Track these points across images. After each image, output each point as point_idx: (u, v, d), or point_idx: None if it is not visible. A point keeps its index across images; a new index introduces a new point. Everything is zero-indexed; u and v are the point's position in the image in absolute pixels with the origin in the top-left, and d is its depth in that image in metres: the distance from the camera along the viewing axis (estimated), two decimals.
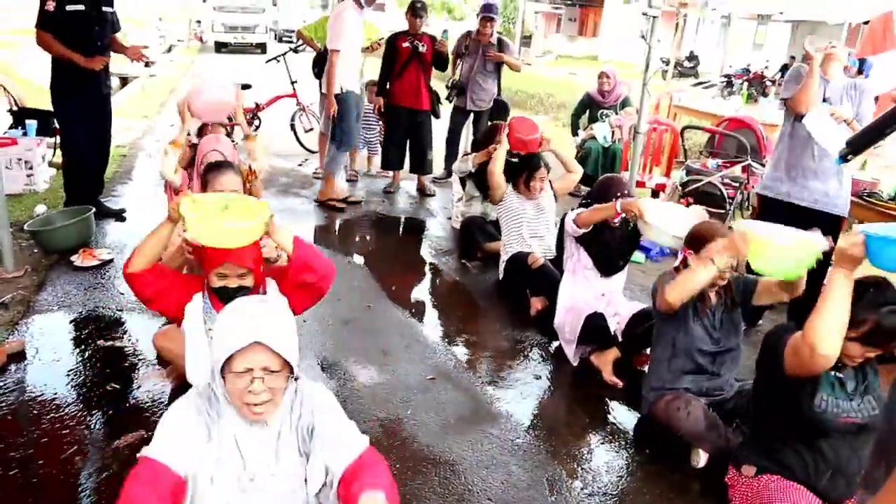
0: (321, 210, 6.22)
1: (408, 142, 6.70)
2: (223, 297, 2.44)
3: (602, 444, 3.15)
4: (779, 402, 2.51)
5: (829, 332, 2.22)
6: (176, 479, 1.73)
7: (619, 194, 3.71)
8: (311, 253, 2.52)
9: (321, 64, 6.46)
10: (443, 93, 6.91)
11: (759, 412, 2.68)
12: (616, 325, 3.72)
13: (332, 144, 6.15)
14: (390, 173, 7.03)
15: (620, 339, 3.70)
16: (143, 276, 2.44)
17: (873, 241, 2.22)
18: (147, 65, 5.87)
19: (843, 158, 3.78)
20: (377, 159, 7.35)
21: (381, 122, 7.13)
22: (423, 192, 6.89)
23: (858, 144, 3.60)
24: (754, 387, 2.76)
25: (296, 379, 1.89)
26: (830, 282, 2.26)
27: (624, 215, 3.58)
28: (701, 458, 2.96)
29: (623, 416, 3.37)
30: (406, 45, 6.33)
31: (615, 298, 3.88)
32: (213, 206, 2.38)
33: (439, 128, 6.91)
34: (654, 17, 5.39)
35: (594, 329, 3.69)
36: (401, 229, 6.03)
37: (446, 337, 4.03)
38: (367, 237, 5.79)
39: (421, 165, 6.80)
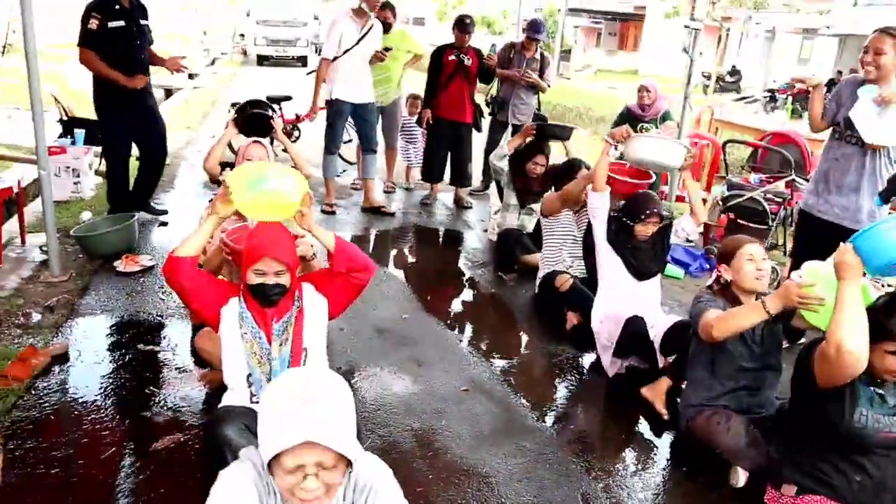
0: (359, 219, 6.27)
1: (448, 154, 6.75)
2: (259, 294, 2.48)
3: (637, 460, 3.09)
4: (817, 417, 2.46)
5: (850, 329, 2.24)
6: None
7: (648, 212, 3.69)
8: (351, 246, 2.67)
9: None
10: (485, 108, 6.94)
11: (794, 429, 2.62)
12: (652, 336, 3.67)
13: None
14: (428, 185, 7.06)
15: (658, 349, 3.64)
16: (185, 267, 2.50)
17: (858, 245, 2.35)
18: (190, 76, 6.07)
19: (884, 200, 3.72)
20: (416, 172, 7.40)
21: (423, 135, 7.17)
22: (459, 205, 6.90)
23: None
24: (789, 403, 2.71)
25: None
26: (839, 292, 2.33)
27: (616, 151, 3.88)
28: (740, 478, 2.89)
29: (659, 432, 3.31)
30: (452, 58, 6.38)
31: (651, 308, 3.82)
32: (255, 172, 2.58)
33: (478, 140, 6.92)
34: (696, 30, 5.35)
35: (633, 335, 3.62)
36: (437, 241, 6.04)
37: (481, 349, 4.01)
38: (404, 248, 5.81)
39: (460, 178, 6.83)
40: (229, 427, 2.33)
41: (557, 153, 5.66)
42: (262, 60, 21.34)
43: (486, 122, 7.00)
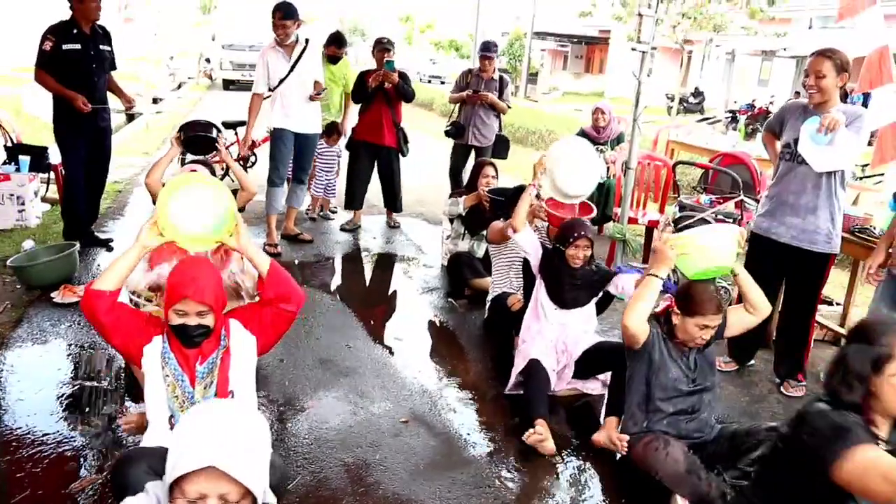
0: (302, 246, 6.13)
1: (376, 180, 6.70)
2: (182, 335, 2.38)
3: (577, 492, 3.02)
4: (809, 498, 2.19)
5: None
6: None
7: (576, 235, 3.66)
8: (284, 273, 2.57)
9: None
10: (433, 131, 6.91)
11: (773, 490, 2.36)
12: (564, 361, 3.72)
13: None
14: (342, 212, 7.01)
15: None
16: (103, 301, 2.36)
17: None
18: (154, 101, 6.04)
19: None
20: (334, 201, 7.25)
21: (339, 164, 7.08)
22: (390, 226, 6.94)
23: None
24: (770, 458, 2.49)
25: None
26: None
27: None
28: None
29: (599, 463, 3.24)
30: (370, 80, 6.24)
31: (572, 336, 3.78)
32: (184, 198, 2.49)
33: (442, 164, 6.86)
34: (643, 52, 5.36)
35: (532, 375, 3.54)
36: (386, 266, 5.95)
37: (425, 378, 3.92)
38: (350, 274, 5.73)
39: (392, 203, 6.81)
40: (133, 468, 2.21)
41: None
42: (229, 85, 21.26)
43: (443, 144, 6.96)
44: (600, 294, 3.89)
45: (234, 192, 4.14)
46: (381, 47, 6.28)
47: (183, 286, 2.33)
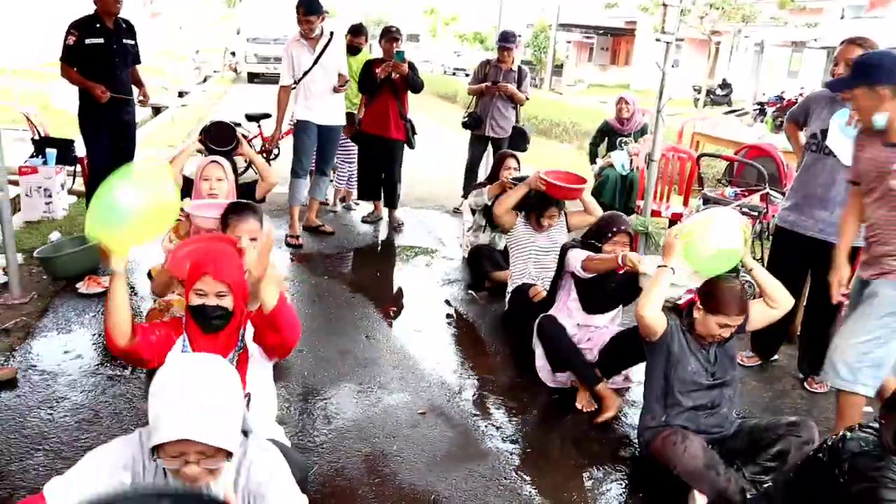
0: (324, 238, 6.15)
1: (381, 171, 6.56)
2: (200, 317, 2.36)
3: (595, 486, 3.00)
4: None
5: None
6: None
7: (615, 230, 3.58)
8: (286, 319, 2.32)
9: None
10: (455, 124, 6.87)
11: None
12: (589, 345, 3.70)
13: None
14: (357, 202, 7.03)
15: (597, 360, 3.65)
16: (143, 341, 2.33)
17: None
18: (180, 94, 6.10)
19: None
20: (355, 192, 7.11)
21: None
22: (392, 226, 6.65)
23: None
24: (814, 468, 2.39)
25: (245, 434, 1.78)
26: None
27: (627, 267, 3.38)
28: (698, 503, 2.81)
29: (617, 458, 3.22)
30: (378, 71, 6.07)
31: (594, 330, 3.75)
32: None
33: (459, 156, 6.81)
34: (667, 43, 5.29)
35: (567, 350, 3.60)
36: (407, 258, 5.95)
37: (444, 370, 3.92)
38: (371, 266, 5.74)
39: (390, 199, 6.60)
40: None
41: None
42: (253, 78, 21.39)
43: (461, 136, 6.94)
44: (631, 299, 3.83)
45: (255, 182, 4.19)
46: (390, 37, 6.15)
47: (203, 265, 2.35)
